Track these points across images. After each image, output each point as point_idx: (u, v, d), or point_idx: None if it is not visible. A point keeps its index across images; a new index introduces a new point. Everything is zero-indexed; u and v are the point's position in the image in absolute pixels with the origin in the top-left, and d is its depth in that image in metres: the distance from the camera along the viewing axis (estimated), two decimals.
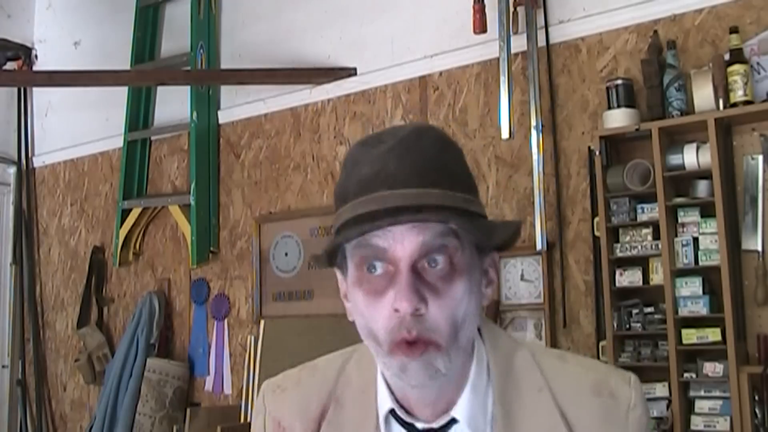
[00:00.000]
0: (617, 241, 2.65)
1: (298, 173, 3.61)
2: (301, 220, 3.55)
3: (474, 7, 2.96)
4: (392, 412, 0.98)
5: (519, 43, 2.97)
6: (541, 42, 2.96)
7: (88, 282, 4.23)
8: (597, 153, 2.69)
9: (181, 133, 3.98)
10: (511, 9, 2.97)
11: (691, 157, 2.53)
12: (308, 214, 3.53)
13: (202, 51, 3.87)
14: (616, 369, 1.03)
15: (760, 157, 2.53)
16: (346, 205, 0.91)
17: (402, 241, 0.88)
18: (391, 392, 0.99)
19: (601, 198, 2.67)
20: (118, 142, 4.15)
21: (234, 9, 3.93)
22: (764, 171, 2.53)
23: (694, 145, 2.54)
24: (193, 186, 3.77)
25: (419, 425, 0.97)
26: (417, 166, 0.89)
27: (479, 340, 1.01)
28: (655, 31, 2.74)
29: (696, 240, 2.52)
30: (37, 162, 4.67)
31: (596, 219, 2.71)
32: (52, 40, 4.69)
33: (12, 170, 4.63)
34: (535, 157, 2.87)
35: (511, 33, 2.97)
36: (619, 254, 2.63)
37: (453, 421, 0.95)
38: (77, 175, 4.49)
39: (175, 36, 4.09)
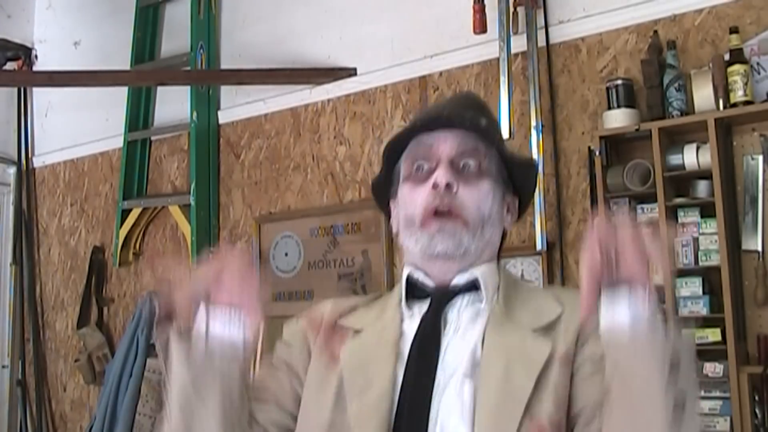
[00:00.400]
0: None
1: (298, 173, 3.61)
2: (301, 220, 3.55)
3: (474, 7, 2.96)
4: (411, 292, 1.15)
5: (519, 43, 2.97)
6: (541, 42, 2.96)
7: (88, 282, 4.23)
8: (597, 153, 2.68)
9: (181, 133, 3.98)
10: (511, 9, 2.97)
11: (691, 157, 2.53)
12: (308, 214, 3.53)
13: (202, 51, 3.87)
14: None
15: (760, 157, 2.53)
16: (410, 121, 1.20)
17: (444, 141, 1.13)
18: (416, 268, 1.16)
19: (601, 198, 2.66)
20: (118, 142, 4.15)
21: (234, 9, 3.93)
22: (764, 171, 2.53)
23: (694, 145, 2.54)
24: (193, 186, 3.77)
25: (434, 290, 1.14)
26: (461, 102, 1.21)
27: (498, 267, 1.18)
28: (655, 31, 2.74)
29: (696, 240, 2.52)
30: (37, 162, 4.67)
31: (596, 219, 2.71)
32: (52, 40, 4.69)
33: (12, 170, 4.62)
34: (535, 157, 2.87)
35: (511, 33, 2.96)
36: None
37: (471, 284, 1.12)
38: (77, 175, 4.49)
39: (175, 36, 4.09)
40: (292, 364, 1.15)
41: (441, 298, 1.12)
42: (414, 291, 1.15)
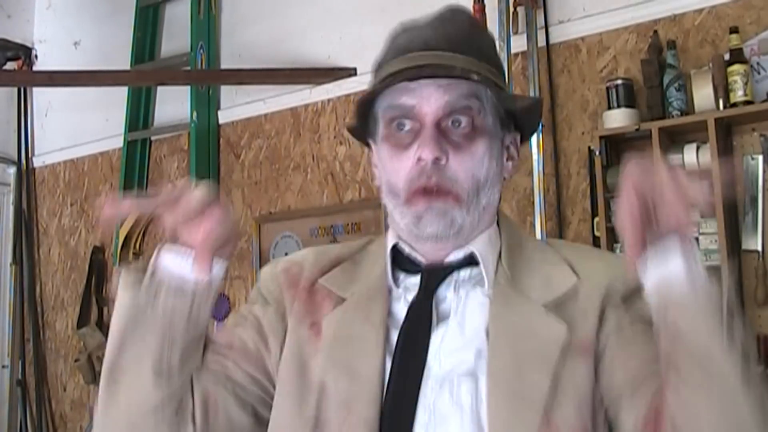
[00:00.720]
0: (617, 241, 2.65)
1: (298, 173, 3.61)
2: (301, 220, 3.55)
3: (474, 7, 2.96)
4: (398, 263, 1.02)
5: (519, 43, 2.97)
6: (541, 42, 2.96)
7: (88, 282, 4.23)
8: (597, 153, 2.68)
9: (181, 133, 3.98)
10: (511, 9, 2.97)
11: (691, 157, 2.53)
12: (308, 214, 3.53)
13: (202, 51, 3.87)
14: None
15: (760, 157, 2.53)
16: (382, 66, 1.00)
17: (429, 99, 0.95)
18: (401, 239, 1.02)
19: (601, 198, 2.66)
20: (118, 142, 4.15)
21: (234, 9, 3.93)
22: (764, 171, 2.53)
23: (694, 145, 2.54)
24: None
25: (426, 264, 1.00)
26: (449, 36, 0.98)
27: (496, 223, 1.04)
28: (655, 31, 2.74)
29: (696, 240, 2.52)
30: (37, 162, 4.67)
31: (596, 219, 2.71)
32: (52, 40, 4.69)
33: (12, 170, 4.62)
34: (535, 157, 2.87)
35: (511, 33, 2.97)
36: (620, 254, 2.63)
37: (468, 258, 0.99)
38: (77, 175, 4.49)
39: (175, 36, 4.09)
40: (263, 328, 1.03)
41: (433, 278, 0.98)
42: (402, 263, 1.01)
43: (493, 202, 1.00)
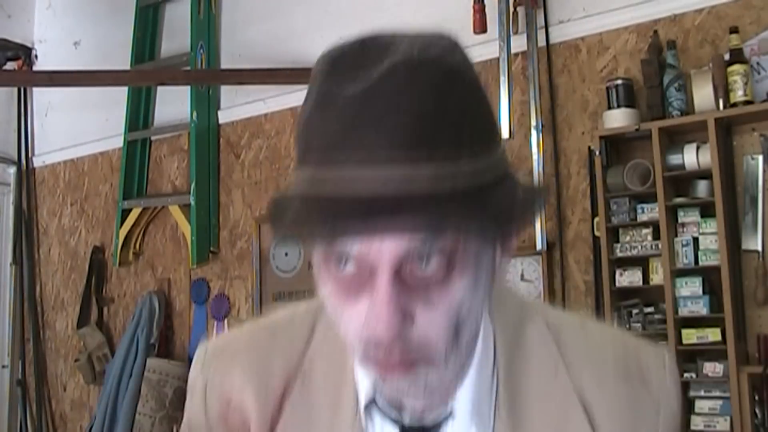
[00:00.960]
0: (617, 241, 2.65)
1: None
2: None
3: (474, 7, 2.96)
4: (374, 401, 0.76)
5: (519, 43, 2.97)
6: (541, 42, 2.96)
7: (88, 282, 4.23)
8: (597, 153, 2.69)
9: (181, 133, 3.98)
10: (511, 9, 2.97)
11: (691, 157, 2.54)
12: None
13: (202, 51, 3.87)
14: (647, 344, 0.83)
15: (760, 157, 2.53)
16: (305, 170, 0.65)
17: (380, 243, 0.63)
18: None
19: (601, 198, 2.67)
20: (118, 142, 4.15)
21: (234, 9, 3.93)
22: (764, 171, 2.53)
23: (694, 145, 2.54)
24: (193, 186, 3.77)
25: (407, 420, 0.75)
26: (406, 123, 0.61)
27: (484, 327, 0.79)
28: (655, 31, 2.74)
29: (696, 240, 2.52)
30: (37, 162, 4.67)
31: (596, 219, 2.71)
32: (52, 40, 4.69)
33: (12, 170, 4.62)
34: (535, 157, 2.87)
35: (511, 33, 2.97)
36: (619, 254, 2.63)
37: (451, 415, 0.75)
38: (77, 175, 4.49)
39: (175, 36, 4.09)
40: None
41: None
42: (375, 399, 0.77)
43: (476, 326, 0.74)
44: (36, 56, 4.71)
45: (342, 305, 0.68)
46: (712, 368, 2.43)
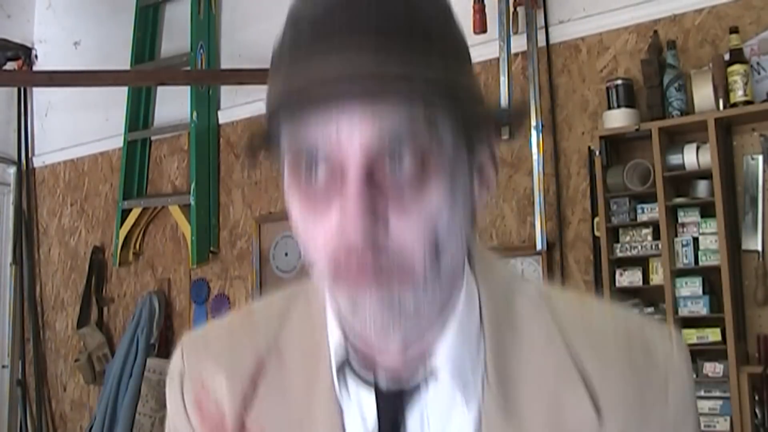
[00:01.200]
0: (617, 241, 2.65)
1: None
2: None
3: (474, 7, 2.96)
4: (348, 364, 0.71)
5: (519, 43, 2.97)
6: (541, 42, 2.96)
7: (88, 282, 4.23)
8: (597, 153, 2.69)
9: (181, 133, 3.98)
10: (511, 9, 2.97)
11: (691, 157, 2.54)
12: None
13: (202, 51, 3.87)
14: (650, 319, 0.78)
15: (760, 157, 2.53)
16: (279, 71, 0.63)
17: (351, 133, 0.59)
18: (346, 336, 0.71)
19: (601, 198, 2.67)
20: (118, 142, 4.15)
21: (234, 9, 3.93)
22: (764, 171, 2.53)
23: (694, 145, 2.54)
24: (193, 186, 3.77)
25: (383, 382, 0.70)
26: (380, 15, 0.59)
27: (468, 267, 0.73)
28: (655, 31, 2.74)
29: (696, 240, 2.52)
30: (37, 162, 4.67)
31: (596, 219, 2.71)
32: (52, 40, 4.69)
33: (12, 170, 4.62)
34: (535, 157, 2.87)
35: (511, 33, 2.97)
36: (619, 254, 2.63)
37: (431, 375, 0.69)
38: (77, 175, 4.49)
39: (175, 36, 4.09)
40: None
41: (391, 405, 0.70)
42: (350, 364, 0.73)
43: (458, 259, 0.69)
44: (36, 56, 4.71)
45: (312, 221, 0.64)
46: (712, 368, 2.43)
